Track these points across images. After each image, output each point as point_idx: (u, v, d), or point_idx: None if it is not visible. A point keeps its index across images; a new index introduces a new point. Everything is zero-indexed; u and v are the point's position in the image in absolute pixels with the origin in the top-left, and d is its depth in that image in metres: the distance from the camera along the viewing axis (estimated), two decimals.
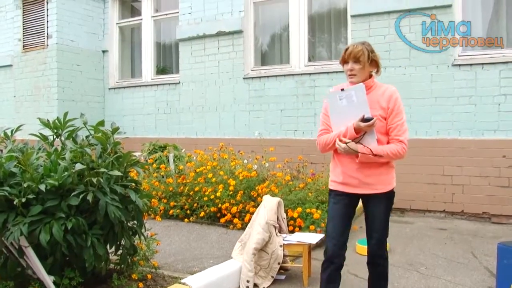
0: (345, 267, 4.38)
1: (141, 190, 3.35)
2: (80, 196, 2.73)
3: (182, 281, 3.57)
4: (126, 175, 3.15)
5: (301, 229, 5.11)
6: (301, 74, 7.39)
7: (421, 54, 6.44)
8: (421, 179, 6.47)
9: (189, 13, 8.38)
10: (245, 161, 6.27)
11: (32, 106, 9.19)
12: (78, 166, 2.67)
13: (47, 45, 8.85)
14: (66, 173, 2.74)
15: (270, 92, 7.59)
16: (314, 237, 4.38)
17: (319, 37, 7.67)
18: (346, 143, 2.93)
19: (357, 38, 6.82)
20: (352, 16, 6.95)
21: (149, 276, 3.50)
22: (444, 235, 5.54)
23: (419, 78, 6.48)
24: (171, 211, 6.08)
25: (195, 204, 5.96)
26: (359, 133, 2.95)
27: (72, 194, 2.73)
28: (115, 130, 3.00)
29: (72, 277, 2.96)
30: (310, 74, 7.31)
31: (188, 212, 6.01)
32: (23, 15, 9.20)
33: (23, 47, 9.26)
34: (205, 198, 5.79)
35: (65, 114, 3.20)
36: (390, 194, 3.12)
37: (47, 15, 8.83)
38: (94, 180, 2.68)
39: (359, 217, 6.42)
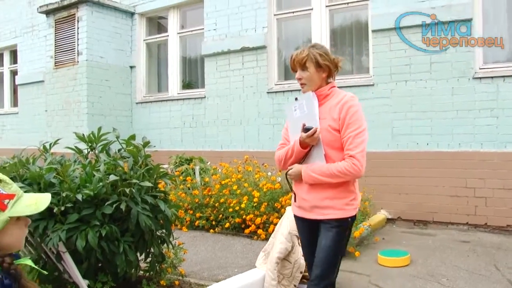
0: (366, 277, 4.53)
1: (170, 200, 3.52)
2: (114, 205, 2.91)
3: None
4: (156, 186, 3.34)
5: None
6: None
7: (441, 67, 6.49)
8: (443, 191, 6.47)
9: (214, 30, 8.62)
10: (269, 173, 6.41)
11: (63, 120, 9.51)
12: (112, 178, 2.86)
13: (78, 62, 9.16)
14: (100, 183, 2.94)
15: None
16: None
17: (341, 52, 7.78)
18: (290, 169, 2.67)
19: (378, 52, 6.96)
20: (373, 31, 7.06)
21: (176, 282, 3.67)
22: (466, 247, 5.54)
23: (440, 91, 6.52)
24: (197, 222, 6.25)
25: (220, 215, 6.12)
26: (306, 147, 2.61)
27: (107, 203, 2.92)
28: (146, 144, 3.20)
29: (105, 282, 3.14)
30: None
31: (214, 223, 6.17)
32: (55, 34, 9.55)
33: (55, 64, 9.60)
34: (230, 210, 5.95)
35: (99, 129, 3.41)
36: (343, 224, 2.62)
37: (78, 33, 9.16)
38: (127, 190, 2.86)
39: (381, 228, 6.51)
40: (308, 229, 2.76)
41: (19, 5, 12.12)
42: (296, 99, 2.71)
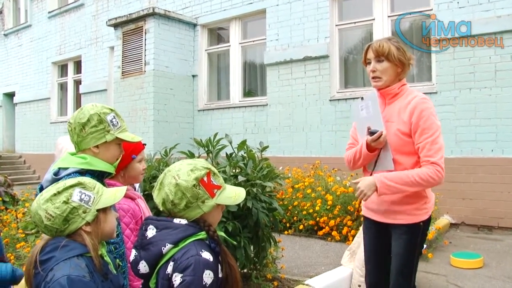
0: (443, 277, 4.75)
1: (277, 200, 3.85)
2: (241, 204, 3.24)
3: (305, 282, 4.01)
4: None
5: None
6: None
7: (506, 74, 6.61)
8: (509, 197, 6.58)
9: (276, 40, 8.95)
10: (338, 178, 6.66)
11: (129, 127, 9.95)
12: (241, 178, 3.19)
13: (145, 71, 9.61)
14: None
15: None
16: None
17: None
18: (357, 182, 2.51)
19: (441, 60, 7.14)
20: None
21: (282, 276, 3.98)
22: None
23: (505, 98, 6.64)
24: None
25: (294, 218, 6.40)
26: (373, 151, 2.51)
27: None
28: (264, 148, 3.52)
29: None
30: None
31: (288, 225, 6.46)
32: (122, 45, 10.05)
33: (122, 73, 10.08)
34: (304, 212, 6.23)
35: (215, 135, 3.75)
36: (414, 229, 2.50)
37: (145, 44, 9.63)
38: (254, 190, 3.19)
39: (446, 233, 6.68)
40: (375, 231, 2.68)
41: (84, 18, 12.80)
42: (362, 98, 2.61)
